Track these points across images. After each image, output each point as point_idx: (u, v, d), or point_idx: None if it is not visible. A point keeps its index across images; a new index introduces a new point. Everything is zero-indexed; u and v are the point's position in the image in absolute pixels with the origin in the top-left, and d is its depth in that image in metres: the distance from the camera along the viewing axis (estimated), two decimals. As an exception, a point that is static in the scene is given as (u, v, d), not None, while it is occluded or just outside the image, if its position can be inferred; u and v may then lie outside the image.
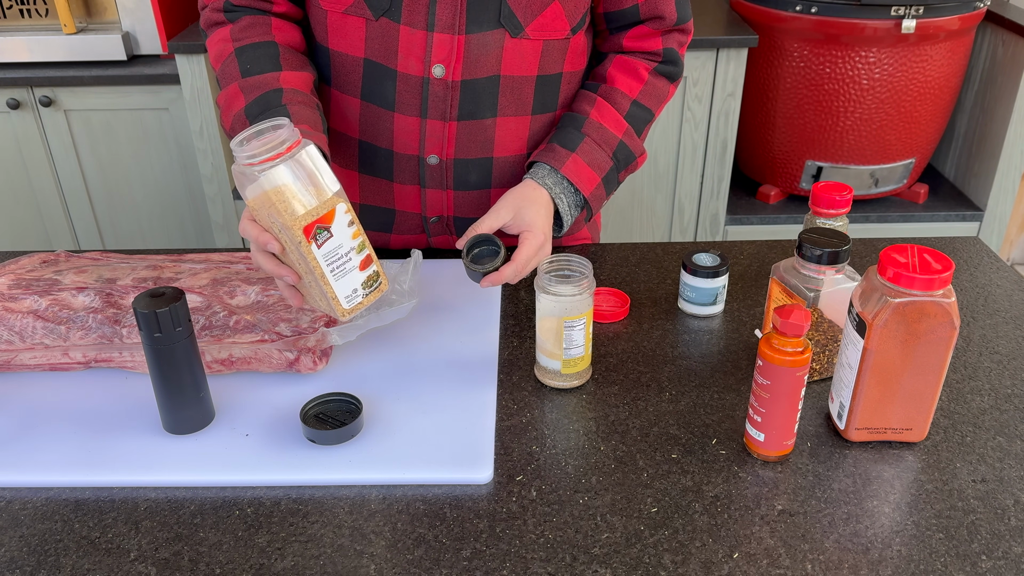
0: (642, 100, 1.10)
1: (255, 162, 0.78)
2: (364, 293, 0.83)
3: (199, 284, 0.97)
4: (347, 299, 0.82)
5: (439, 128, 1.05)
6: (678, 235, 2.44)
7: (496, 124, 1.07)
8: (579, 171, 1.06)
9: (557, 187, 1.05)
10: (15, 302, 0.94)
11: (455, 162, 1.09)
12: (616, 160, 1.09)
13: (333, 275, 0.80)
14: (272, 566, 0.71)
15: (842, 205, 1.02)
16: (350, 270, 0.81)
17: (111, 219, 2.36)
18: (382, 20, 0.99)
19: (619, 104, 1.09)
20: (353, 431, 0.83)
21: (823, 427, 0.86)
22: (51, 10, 2.15)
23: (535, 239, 0.98)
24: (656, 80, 1.11)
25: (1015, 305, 1.06)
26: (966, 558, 0.71)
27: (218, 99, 1.04)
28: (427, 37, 0.99)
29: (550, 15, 1.02)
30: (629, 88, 1.10)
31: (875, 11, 2.05)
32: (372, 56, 1.02)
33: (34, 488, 0.79)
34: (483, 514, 0.75)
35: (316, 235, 0.78)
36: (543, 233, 1.00)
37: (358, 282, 0.81)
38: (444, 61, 1.00)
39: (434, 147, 1.06)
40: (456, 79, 1.01)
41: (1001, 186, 2.35)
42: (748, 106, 2.35)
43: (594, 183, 1.07)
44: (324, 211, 0.79)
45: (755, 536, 0.73)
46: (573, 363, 0.90)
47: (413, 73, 1.01)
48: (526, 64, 1.04)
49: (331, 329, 0.90)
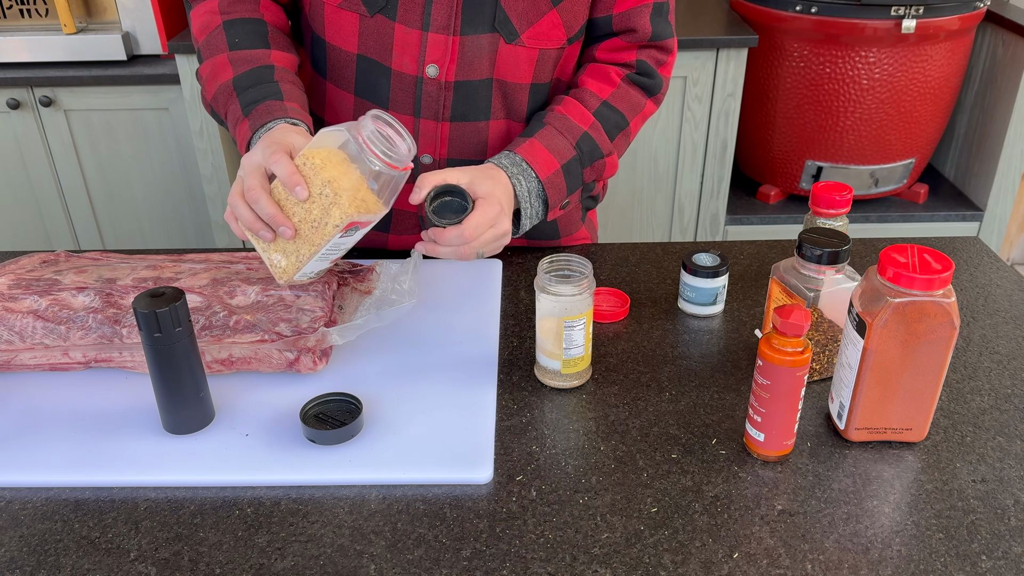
0: (613, 102, 1.08)
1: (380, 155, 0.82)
2: (310, 277, 0.89)
3: (199, 284, 0.97)
4: (301, 274, 0.87)
5: (432, 128, 1.05)
6: (678, 235, 2.44)
7: (489, 127, 1.07)
8: (535, 153, 1.02)
9: (514, 167, 1.01)
10: (15, 302, 0.94)
11: (448, 162, 1.08)
12: (580, 151, 1.05)
13: (318, 257, 0.85)
14: (272, 566, 0.71)
15: (842, 205, 1.02)
16: (326, 260, 0.87)
17: (111, 219, 2.36)
18: (377, 17, 0.99)
19: (587, 102, 1.07)
20: (353, 431, 0.83)
21: (823, 427, 0.86)
22: (51, 10, 2.15)
23: (490, 208, 0.94)
24: (629, 87, 1.09)
25: (1015, 305, 1.06)
26: (966, 558, 0.71)
27: (200, 70, 1.03)
28: (422, 36, 0.99)
29: (547, 24, 1.01)
30: (599, 90, 1.08)
31: (875, 11, 2.05)
32: (366, 52, 1.02)
33: (34, 488, 0.79)
34: (483, 514, 0.75)
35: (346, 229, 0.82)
36: (499, 204, 0.95)
37: (318, 269, 0.88)
38: (438, 61, 1.00)
39: (427, 146, 1.06)
40: (450, 80, 1.01)
41: (1001, 186, 2.35)
42: (748, 106, 2.35)
43: (552, 168, 1.03)
44: (369, 219, 0.84)
45: (755, 536, 0.73)
46: (573, 363, 0.90)
47: (407, 72, 1.01)
48: (520, 71, 1.04)
49: (331, 329, 0.90)
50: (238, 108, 0.97)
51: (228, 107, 0.99)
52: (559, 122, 1.05)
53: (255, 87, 0.97)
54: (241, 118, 0.96)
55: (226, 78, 0.98)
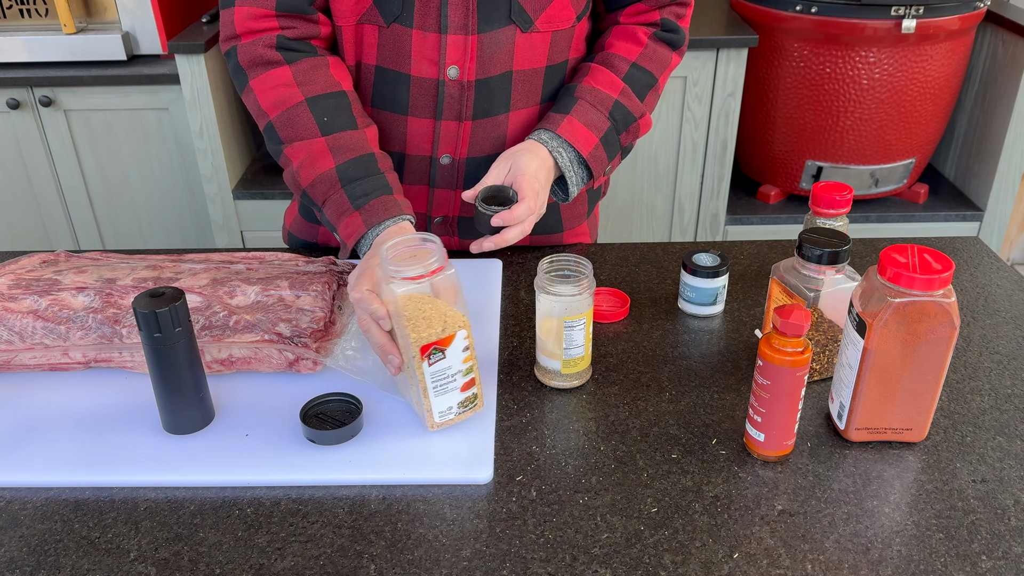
0: (641, 63, 1.10)
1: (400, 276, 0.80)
2: (458, 411, 0.84)
3: (199, 284, 0.97)
4: (440, 414, 0.83)
5: (453, 128, 1.05)
6: (678, 235, 2.44)
7: (508, 119, 1.07)
8: (575, 131, 1.05)
9: (554, 142, 1.05)
10: (15, 302, 0.94)
11: (467, 160, 1.09)
12: (614, 120, 1.08)
13: (434, 391, 0.81)
14: (272, 566, 0.71)
15: (842, 205, 1.02)
16: (451, 390, 0.82)
17: (111, 219, 2.36)
18: (394, 26, 0.99)
19: (616, 67, 1.09)
20: (353, 431, 0.83)
21: (823, 427, 0.86)
22: (51, 10, 2.15)
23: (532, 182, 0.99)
24: (656, 45, 1.11)
25: (1015, 305, 1.06)
26: (966, 558, 0.71)
27: (289, 152, 0.99)
28: (440, 40, 0.99)
29: (558, 6, 1.02)
30: (628, 52, 1.10)
31: (875, 11, 2.05)
32: (384, 63, 1.02)
33: (34, 488, 0.79)
34: (483, 514, 0.75)
35: (431, 355, 0.79)
36: (535, 178, 1.00)
37: (455, 401, 0.83)
38: (458, 62, 1.00)
39: (448, 147, 1.07)
40: (471, 79, 1.02)
41: (1001, 186, 2.35)
42: (748, 106, 2.35)
43: (592, 143, 1.06)
44: (445, 335, 0.79)
45: (755, 536, 0.73)
46: (573, 363, 0.89)
47: (427, 76, 1.01)
48: (536, 56, 1.05)
49: (328, 360, 0.90)
50: (346, 200, 0.96)
51: (329, 196, 0.97)
52: (590, 95, 1.07)
53: (363, 180, 0.96)
54: (350, 210, 0.96)
55: (326, 167, 0.97)
